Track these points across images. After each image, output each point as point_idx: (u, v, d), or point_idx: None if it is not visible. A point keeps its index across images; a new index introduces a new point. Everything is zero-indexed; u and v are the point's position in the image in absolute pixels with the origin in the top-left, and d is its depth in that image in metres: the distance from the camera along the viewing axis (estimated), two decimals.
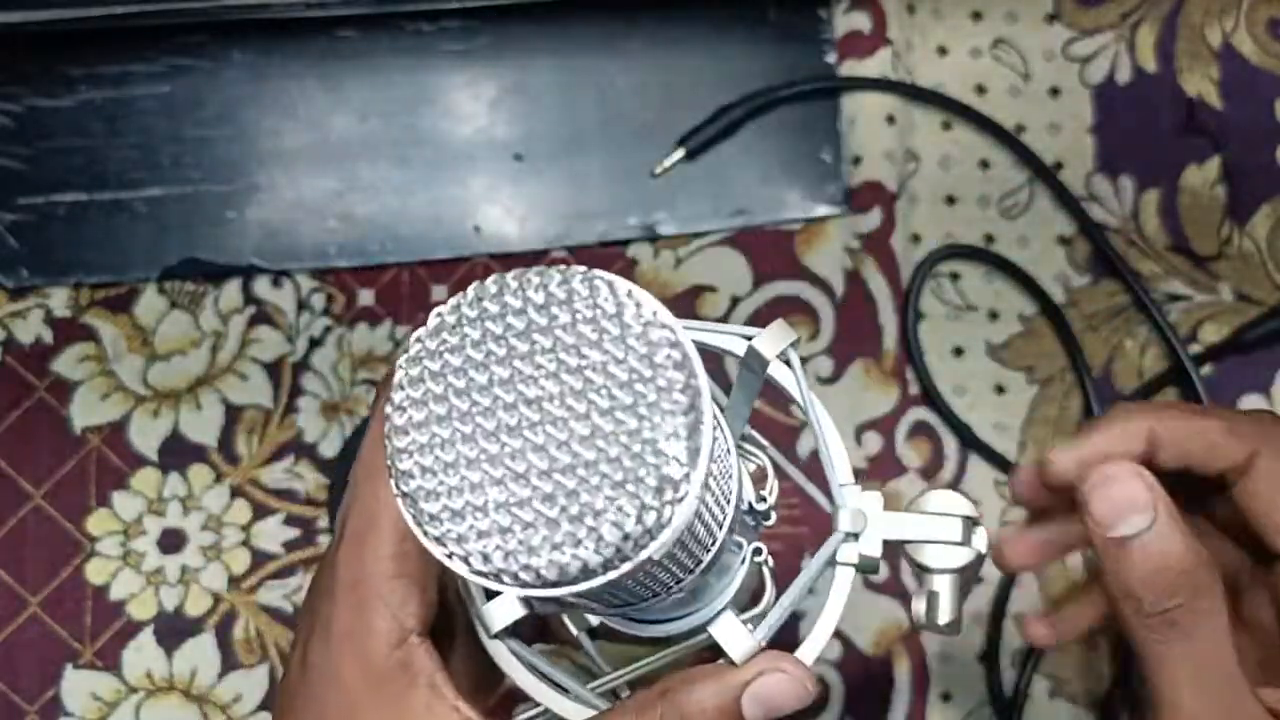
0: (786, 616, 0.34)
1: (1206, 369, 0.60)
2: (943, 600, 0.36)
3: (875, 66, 0.62)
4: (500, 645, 0.35)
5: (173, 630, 0.57)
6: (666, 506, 0.26)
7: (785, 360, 0.35)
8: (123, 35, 0.60)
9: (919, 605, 0.36)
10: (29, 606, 0.57)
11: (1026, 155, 0.61)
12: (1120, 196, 0.61)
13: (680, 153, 0.61)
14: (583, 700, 0.35)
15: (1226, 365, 0.60)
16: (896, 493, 0.58)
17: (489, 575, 0.26)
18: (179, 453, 0.58)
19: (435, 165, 0.61)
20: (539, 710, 0.36)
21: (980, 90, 0.63)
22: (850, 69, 0.62)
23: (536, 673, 0.35)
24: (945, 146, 0.62)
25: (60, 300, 0.60)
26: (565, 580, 0.26)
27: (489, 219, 0.61)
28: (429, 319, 0.28)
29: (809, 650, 0.35)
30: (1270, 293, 0.60)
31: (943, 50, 0.63)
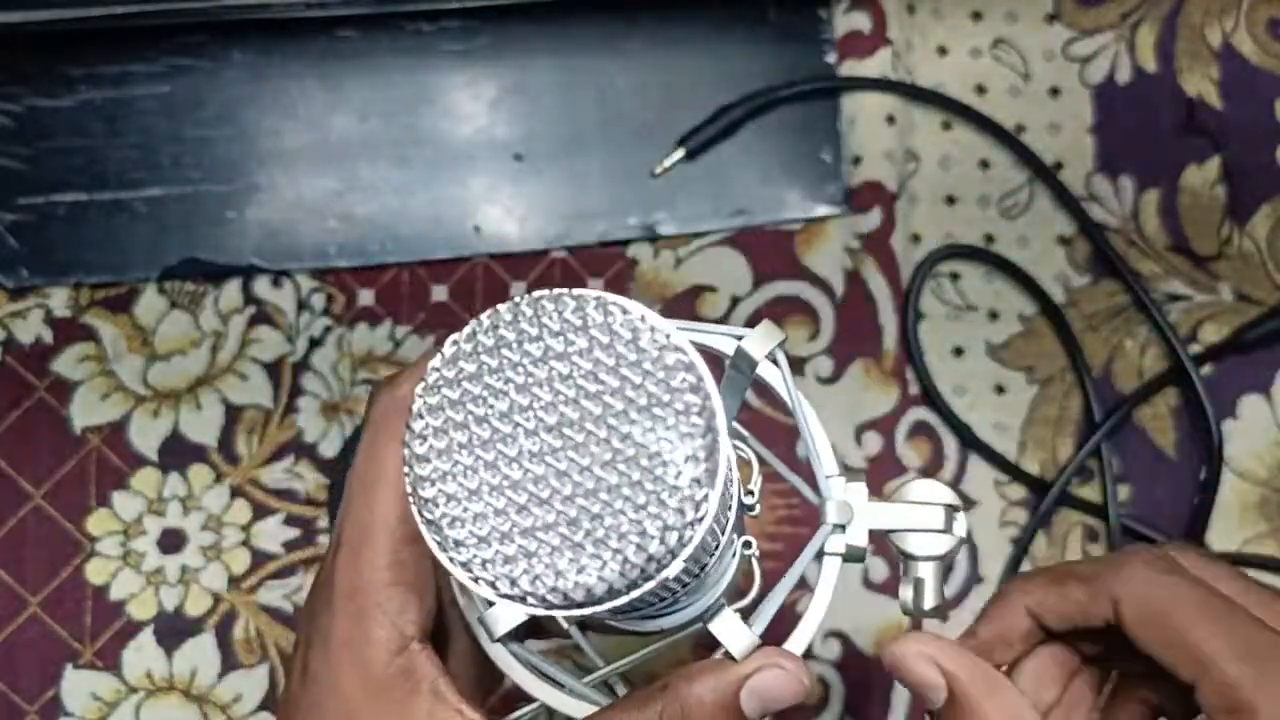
0: (778, 608, 0.35)
1: (1206, 369, 0.60)
2: (928, 586, 0.37)
3: (875, 66, 0.62)
4: (502, 649, 0.35)
5: (173, 630, 0.57)
6: (688, 527, 0.27)
7: (773, 359, 0.35)
8: (123, 35, 0.60)
9: (906, 592, 0.37)
10: (29, 606, 0.57)
11: (1026, 155, 0.62)
12: (1120, 196, 0.61)
13: (680, 153, 0.61)
14: (584, 697, 0.35)
15: (1226, 365, 0.60)
16: None
17: (515, 598, 0.27)
18: (179, 453, 0.58)
19: (435, 165, 0.61)
20: (535, 706, 0.36)
21: (980, 90, 0.63)
22: (850, 69, 0.62)
23: (537, 673, 0.35)
24: (945, 146, 0.62)
25: (60, 300, 0.60)
26: (590, 601, 0.27)
27: (489, 219, 0.61)
28: (444, 347, 0.28)
29: (799, 639, 0.35)
30: (1270, 293, 0.60)
31: (943, 50, 0.63)
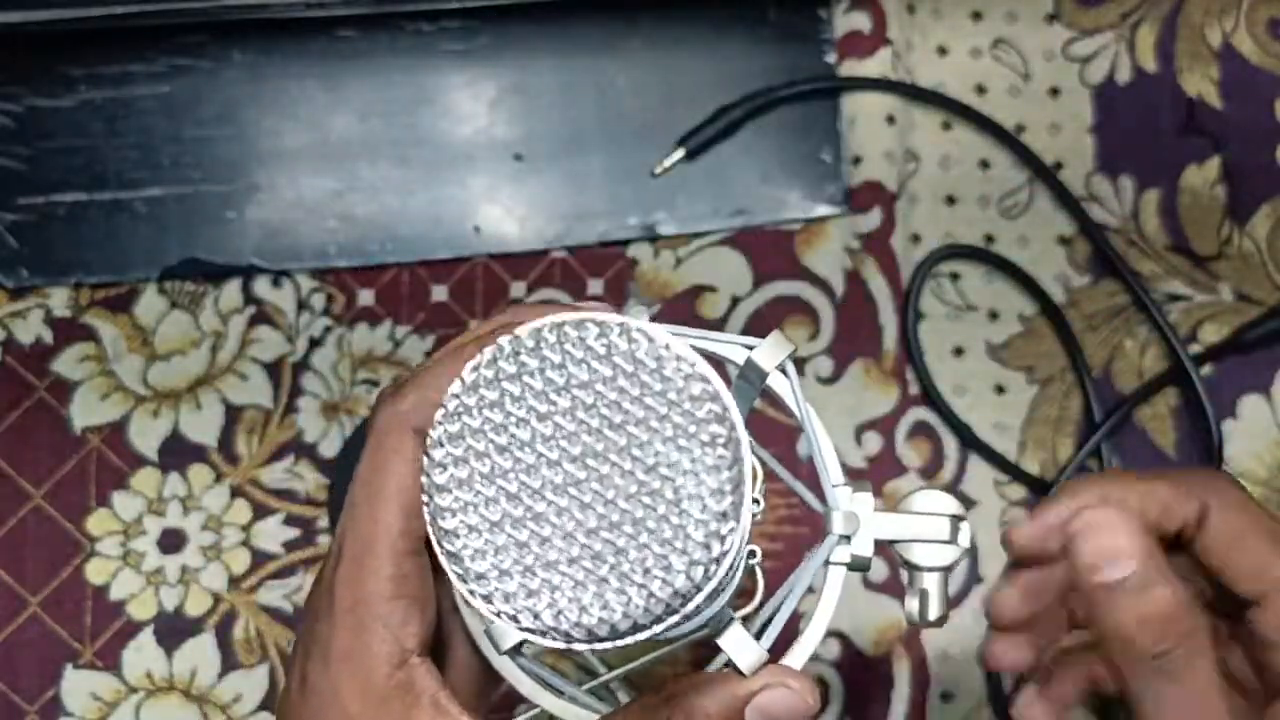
0: (786, 619, 0.34)
1: (1206, 369, 0.60)
2: (933, 597, 0.37)
3: (875, 66, 0.62)
4: (508, 661, 0.35)
5: (173, 630, 0.57)
6: (713, 563, 0.26)
7: (781, 370, 0.35)
8: (123, 35, 0.60)
9: (912, 604, 0.37)
10: (29, 606, 0.57)
11: (1026, 155, 0.61)
12: (1120, 196, 0.61)
13: (680, 153, 0.61)
14: (589, 707, 0.35)
15: (1226, 365, 0.60)
16: (897, 493, 0.58)
17: (538, 632, 0.26)
18: (179, 453, 0.58)
19: (435, 165, 0.61)
20: (536, 712, 0.36)
21: (980, 90, 0.63)
22: (850, 69, 0.62)
23: (540, 680, 0.35)
24: (945, 146, 0.62)
25: (60, 300, 0.60)
26: (613, 635, 0.26)
27: (489, 219, 0.61)
28: (465, 373, 0.27)
29: (803, 649, 0.35)
30: (1270, 293, 0.60)
31: (943, 50, 0.63)
